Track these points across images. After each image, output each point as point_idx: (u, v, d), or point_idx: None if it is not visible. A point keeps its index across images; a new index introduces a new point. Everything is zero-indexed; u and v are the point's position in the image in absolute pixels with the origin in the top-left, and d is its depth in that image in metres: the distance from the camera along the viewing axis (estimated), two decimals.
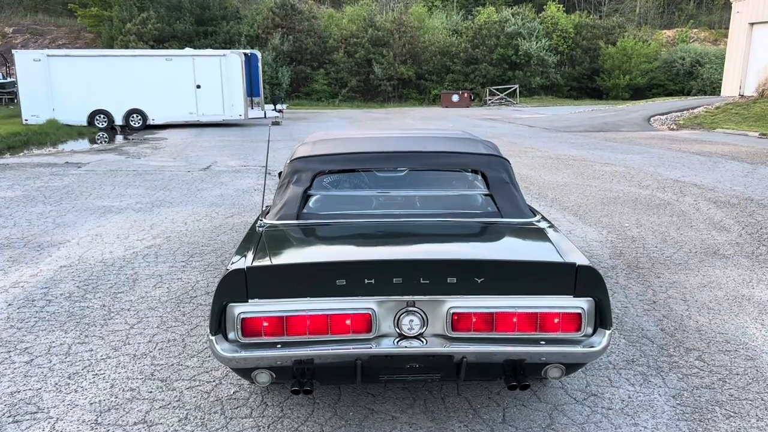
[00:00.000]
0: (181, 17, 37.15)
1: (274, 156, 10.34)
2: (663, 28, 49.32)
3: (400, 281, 2.54)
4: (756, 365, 3.53)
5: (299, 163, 3.51)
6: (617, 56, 39.44)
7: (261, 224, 3.27)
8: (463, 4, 48.10)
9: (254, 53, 23.34)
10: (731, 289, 4.79)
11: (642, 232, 6.54)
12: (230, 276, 2.55)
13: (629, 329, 4.02)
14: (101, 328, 4.04)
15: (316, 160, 3.52)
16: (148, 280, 5.01)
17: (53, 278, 5.05)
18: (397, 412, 3.01)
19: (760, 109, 20.47)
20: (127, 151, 14.46)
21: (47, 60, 19.66)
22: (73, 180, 9.97)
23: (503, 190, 3.43)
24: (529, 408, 3.06)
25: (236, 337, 2.56)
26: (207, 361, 3.55)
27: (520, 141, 15.82)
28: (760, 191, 8.76)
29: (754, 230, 6.60)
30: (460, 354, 2.56)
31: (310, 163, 3.49)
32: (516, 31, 39.42)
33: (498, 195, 3.41)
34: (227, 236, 6.38)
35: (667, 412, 3.04)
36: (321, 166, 3.49)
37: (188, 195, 8.72)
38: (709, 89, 36.60)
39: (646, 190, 8.91)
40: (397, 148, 3.68)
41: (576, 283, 2.59)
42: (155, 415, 3.00)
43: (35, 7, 46.10)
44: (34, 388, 3.27)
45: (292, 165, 3.53)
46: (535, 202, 7.89)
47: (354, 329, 2.57)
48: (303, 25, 38.58)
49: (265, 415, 2.99)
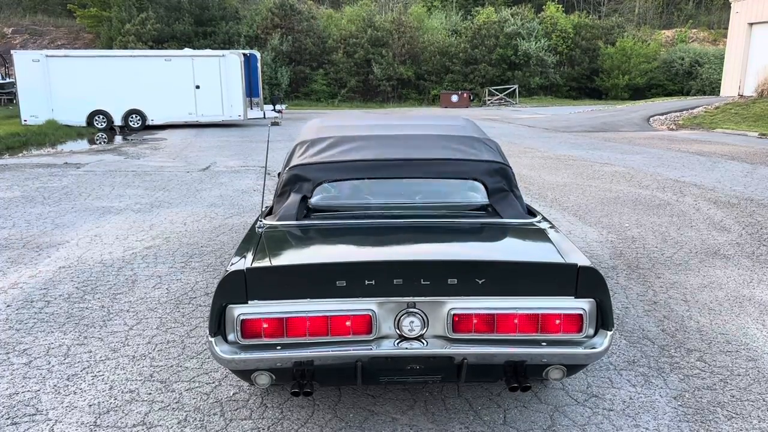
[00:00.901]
0: (180, 18, 37.11)
1: (274, 156, 10.32)
2: (662, 29, 49.32)
3: (401, 282, 2.52)
4: (757, 366, 3.51)
5: (298, 170, 3.47)
6: (616, 56, 39.44)
7: (260, 225, 3.25)
8: (462, 5, 48.09)
9: (253, 53, 23.33)
10: (732, 290, 4.78)
11: (642, 232, 6.53)
12: (230, 277, 2.54)
13: (630, 330, 4.00)
14: (100, 329, 4.03)
15: (314, 168, 3.46)
16: (148, 281, 5.00)
17: (52, 279, 5.04)
18: (397, 414, 3.00)
19: (759, 109, 20.47)
20: (126, 152, 14.44)
21: (46, 60, 19.64)
22: (72, 180, 9.95)
23: (502, 200, 3.42)
24: (530, 409, 3.05)
25: (236, 339, 2.55)
26: (206, 362, 3.53)
27: (520, 141, 15.80)
28: (760, 191, 8.75)
29: (755, 230, 6.59)
30: (460, 355, 2.55)
31: (309, 172, 3.44)
32: (515, 32, 39.41)
33: (497, 204, 3.40)
34: (227, 237, 6.37)
35: (669, 413, 3.02)
36: (319, 175, 3.43)
37: (187, 195, 8.71)
38: (709, 89, 36.60)
39: (646, 190, 8.90)
40: (396, 154, 3.55)
41: (577, 284, 2.58)
42: (154, 416, 2.99)
43: (34, 8, 46.07)
44: (33, 389, 3.25)
45: (291, 172, 3.47)
46: (535, 203, 7.88)
47: (354, 330, 2.56)
48: (302, 25, 38.56)
49: (264, 417, 2.97)
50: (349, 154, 3.56)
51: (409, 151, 3.60)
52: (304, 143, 3.77)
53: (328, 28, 40.55)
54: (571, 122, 21.83)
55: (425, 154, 3.57)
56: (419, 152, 3.59)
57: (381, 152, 3.58)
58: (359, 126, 4.26)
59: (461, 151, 3.64)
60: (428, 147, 3.69)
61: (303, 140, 3.84)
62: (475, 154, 3.60)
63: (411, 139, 3.85)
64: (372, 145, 3.67)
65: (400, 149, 3.64)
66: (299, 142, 3.83)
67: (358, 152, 3.58)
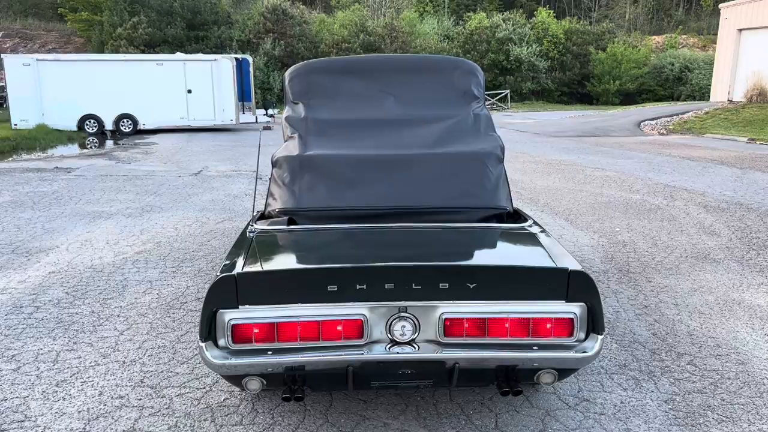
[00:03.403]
0: (172, 22, 37.04)
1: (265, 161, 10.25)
2: (652, 34, 49.72)
3: (392, 287, 2.52)
4: (747, 369, 3.53)
5: (284, 213, 3.41)
6: (607, 62, 39.73)
7: (252, 230, 3.24)
8: (455, 10, 48.30)
9: (245, 58, 23.30)
10: (722, 294, 4.80)
11: (633, 236, 6.56)
12: (220, 282, 2.53)
13: (621, 334, 4.02)
14: (90, 334, 4.00)
15: (302, 214, 3.41)
16: (138, 286, 4.97)
17: (42, 284, 5.00)
18: (389, 419, 3.00)
19: (748, 115, 20.64)
20: (117, 156, 14.38)
21: (37, 64, 19.54)
22: (62, 185, 9.89)
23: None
24: (521, 414, 3.05)
25: (226, 344, 2.53)
26: (197, 367, 3.52)
27: (511, 146, 15.83)
28: (750, 196, 8.81)
29: (744, 234, 6.64)
30: (452, 360, 2.55)
31: (297, 216, 3.40)
32: (507, 37, 39.62)
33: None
34: (218, 241, 6.35)
35: (660, 416, 3.03)
36: (308, 222, 3.38)
37: (179, 200, 8.68)
38: (698, 95, 36.90)
39: (636, 194, 8.95)
40: (389, 201, 3.39)
41: (568, 289, 2.59)
42: (144, 422, 2.97)
43: (25, 12, 45.87)
44: (21, 396, 3.22)
45: (279, 215, 3.41)
46: (527, 207, 7.90)
47: (346, 335, 2.55)
48: (294, 30, 38.59)
49: (255, 423, 2.96)
50: (336, 196, 3.43)
51: (404, 198, 3.44)
52: (283, 172, 3.58)
53: (320, 32, 40.60)
54: (563, 127, 21.93)
55: (421, 200, 3.44)
56: (415, 198, 3.44)
57: (373, 200, 3.41)
58: (346, 155, 3.67)
59: (460, 190, 3.49)
60: (426, 187, 3.49)
61: (281, 168, 3.61)
62: (474, 196, 3.49)
63: (406, 175, 3.54)
64: (363, 185, 3.46)
65: (394, 193, 3.45)
66: (277, 168, 3.63)
67: (346, 193, 3.43)
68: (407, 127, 3.78)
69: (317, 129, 3.81)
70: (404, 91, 4.01)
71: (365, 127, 3.80)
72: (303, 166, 3.55)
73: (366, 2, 47.26)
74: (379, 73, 4.10)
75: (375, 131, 3.77)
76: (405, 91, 4.01)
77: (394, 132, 3.75)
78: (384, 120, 3.84)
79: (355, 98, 3.97)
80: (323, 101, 3.97)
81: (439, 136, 3.74)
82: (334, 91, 4.01)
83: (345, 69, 4.16)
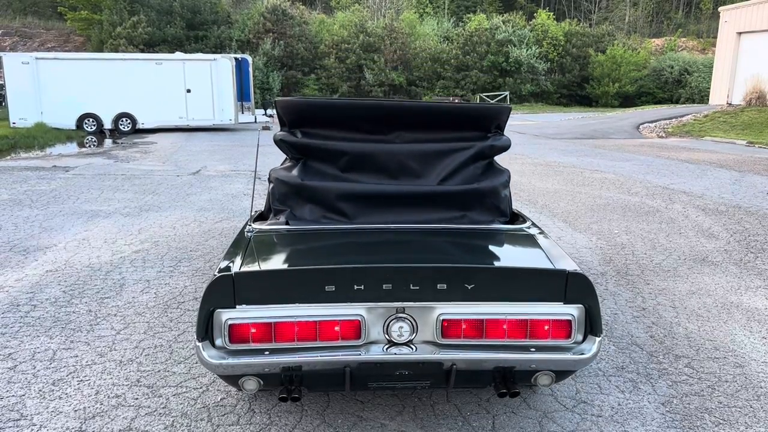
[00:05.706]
0: (171, 21, 37.05)
1: (264, 161, 10.29)
2: (652, 37, 49.80)
3: (390, 287, 2.51)
4: (744, 372, 3.53)
5: None
6: (607, 64, 39.80)
7: (249, 229, 3.23)
8: (454, 11, 48.34)
9: (245, 58, 23.30)
10: (720, 296, 4.81)
11: (631, 238, 6.56)
12: (218, 282, 2.52)
13: (619, 336, 4.02)
14: (87, 333, 3.99)
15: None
16: (136, 285, 4.96)
17: (39, 283, 4.99)
18: (386, 420, 2.99)
19: (747, 118, 20.67)
20: (115, 155, 14.37)
21: (36, 63, 19.53)
22: (60, 184, 9.88)
23: None
24: (519, 415, 3.04)
25: (223, 344, 2.53)
26: (194, 367, 3.51)
27: (511, 148, 15.85)
28: (748, 199, 8.82)
29: (742, 237, 6.64)
30: (449, 361, 2.54)
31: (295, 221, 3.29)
32: (506, 39, 39.65)
33: None
34: (216, 241, 6.34)
35: (657, 419, 3.03)
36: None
37: (177, 199, 8.67)
38: (698, 97, 36.97)
39: (635, 197, 8.95)
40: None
41: (566, 290, 2.58)
42: (141, 422, 2.96)
43: (24, 10, 45.84)
44: (18, 394, 3.21)
45: None
46: (525, 209, 7.90)
47: (343, 336, 2.54)
48: (294, 30, 38.61)
49: (252, 423, 2.95)
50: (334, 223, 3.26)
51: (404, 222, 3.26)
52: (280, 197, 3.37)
53: (320, 33, 40.64)
54: (562, 129, 21.95)
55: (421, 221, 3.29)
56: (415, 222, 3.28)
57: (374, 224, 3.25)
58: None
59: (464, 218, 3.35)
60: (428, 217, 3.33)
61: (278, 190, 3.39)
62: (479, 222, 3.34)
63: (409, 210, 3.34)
64: (364, 217, 3.27)
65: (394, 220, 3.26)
66: (275, 187, 3.40)
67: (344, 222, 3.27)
68: (412, 159, 3.47)
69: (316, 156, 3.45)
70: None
71: (368, 156, 3.43)
72: (301, 194, 3.33)
73: (366, 3, 47.31)
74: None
75: (377, 162, 3.42)
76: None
77: (398, 164, 3.44)
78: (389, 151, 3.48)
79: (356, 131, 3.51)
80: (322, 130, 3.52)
81: (446, 169, 3.47)
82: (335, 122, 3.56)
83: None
